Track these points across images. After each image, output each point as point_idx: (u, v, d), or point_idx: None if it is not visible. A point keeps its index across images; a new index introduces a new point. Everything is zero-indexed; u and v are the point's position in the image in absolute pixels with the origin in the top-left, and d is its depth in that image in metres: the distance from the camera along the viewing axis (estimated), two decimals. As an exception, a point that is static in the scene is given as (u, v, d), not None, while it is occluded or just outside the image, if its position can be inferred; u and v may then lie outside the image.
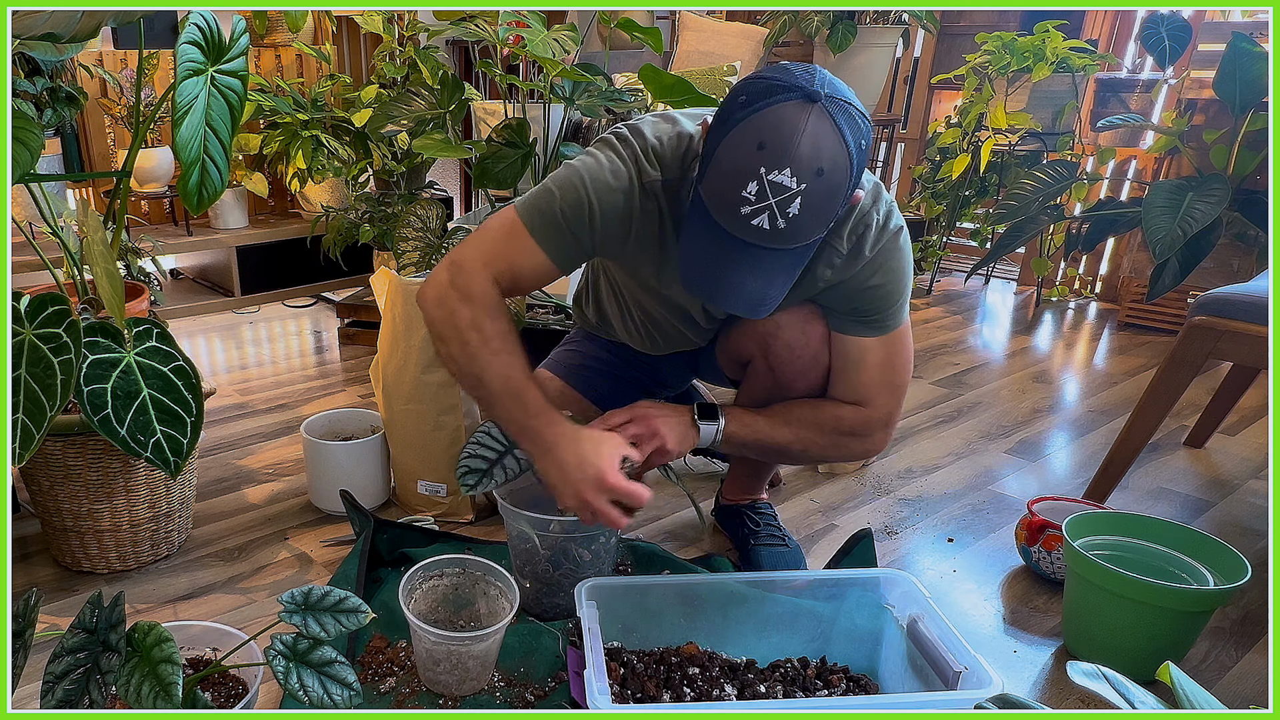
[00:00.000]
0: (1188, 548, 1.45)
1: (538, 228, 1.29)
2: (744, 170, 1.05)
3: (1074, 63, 3.11)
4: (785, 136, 1.03)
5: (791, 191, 1.04)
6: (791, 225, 1.06)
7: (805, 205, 1.05)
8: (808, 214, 1.06)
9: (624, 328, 1.63)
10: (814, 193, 1.05)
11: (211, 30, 1.34)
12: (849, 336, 1.36)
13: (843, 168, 1.06)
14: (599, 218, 1.27)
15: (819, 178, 1.04)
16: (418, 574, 1.35)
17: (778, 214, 1.05)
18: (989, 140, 3.24)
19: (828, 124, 1.04)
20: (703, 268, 1.13)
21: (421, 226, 2.21)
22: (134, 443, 1.38)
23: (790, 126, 1.03)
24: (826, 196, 1.06)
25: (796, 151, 1.03)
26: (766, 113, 1.05)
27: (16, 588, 1.57)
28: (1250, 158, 2.57)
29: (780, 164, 1.03)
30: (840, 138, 1.05)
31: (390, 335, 1.74)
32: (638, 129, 1.30)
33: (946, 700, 1.11)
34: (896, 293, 1.31)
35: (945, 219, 3.53)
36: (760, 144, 1.04)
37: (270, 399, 2.44)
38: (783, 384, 1.42)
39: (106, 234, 1.46)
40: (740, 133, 1.06)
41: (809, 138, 1.03)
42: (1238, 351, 1.68)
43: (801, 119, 1.04)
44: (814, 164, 1.04)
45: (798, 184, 1.04)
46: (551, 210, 1.28)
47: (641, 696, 1.25)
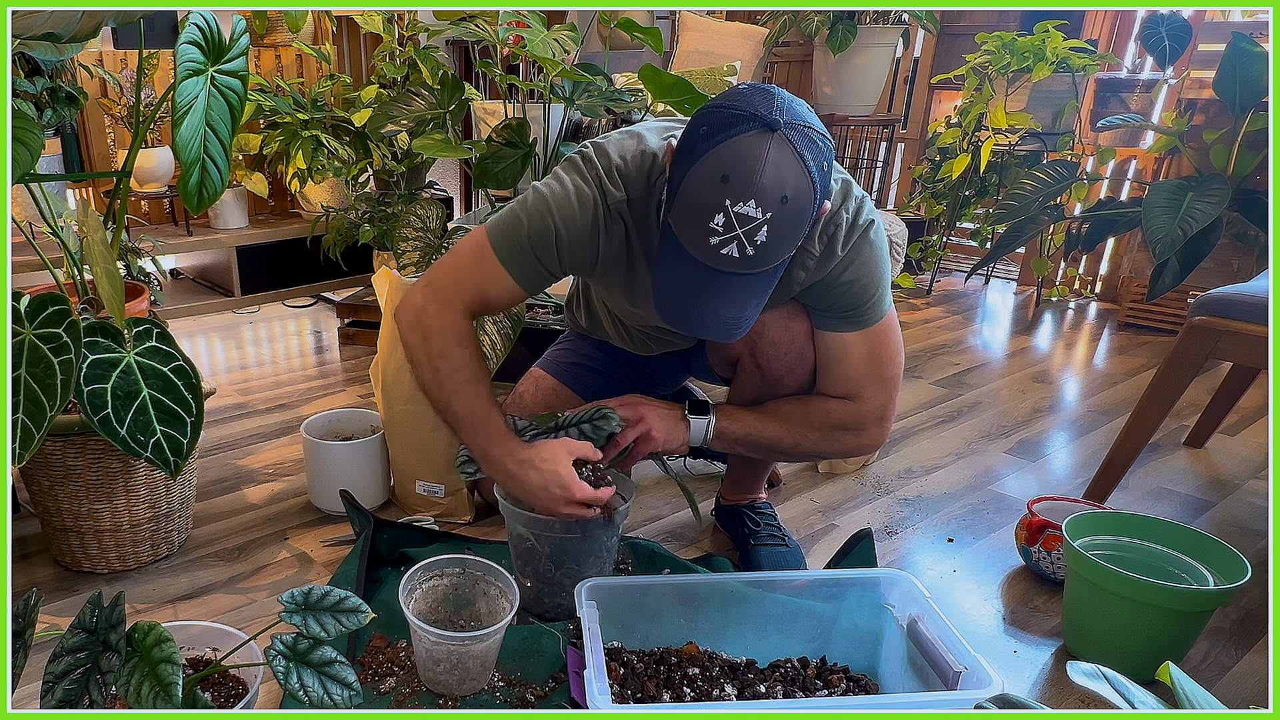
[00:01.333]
0: (1188, 548, 1.45)
1: (505, 255, 1.33)
2: (710, 203, 1.07)
3: (1074, 63, 3.11)
4: (748, 169, 1.06)
5: (757, 221, 1.07)
6: (760, 251, 1.09)
7: (772, 232, 1.08)
8: (775, 240, 1.08)
9: (614, 332, 1.66)
10: (779, 220, 1.07)
11: (211, 30, 1.34)
12: (830, 333, 1.37)
13: (805, 192, 1.08)
14: (565, 244, 1.31)
15: (783, 205, 1.07)
16: (418, 574, 1.35)
17: (745, 243, 1.08)
18: (989, 140, 3.24)
19: (789, 152, 1.07)
20: (676, 298, 1.16)
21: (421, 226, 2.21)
22: (134, 443, 1.38)
23: (752, 158, 1.06)
24: (792, 221, 1.09)
25: (760, 182, 1.05)
26: (728, 145, 1.07)
27: (16, 588, 1.57)
28: (1250, 158, 2.57)
29: (745, 196, 1.06)
30: (801, 164, 1.07)
31: (390, 335, 1.74)
32: (602, 149, 1.32)
33: (946, 700, 1.11)
34: (871, 287, 1.33)
35: (945, 219, 3.53)
36: (724, 177, 1.06)
37: (270, 399, 2.44)
38: (771, 382, 1.44)
39: (106, 234, 1.46)
40: (704, 166, 1.08)
41: (771, 168, 1.06)
42: (1238, 351, 1.68)
43: (762, 150, 1.06)
44: (778, 193, 1.06)
45: (763, 214, 1.06)
46: (519, 237, 1.32)
47: (641, 696, 1.25)
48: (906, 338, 2.99)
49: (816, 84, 3.63)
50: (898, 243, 2.88)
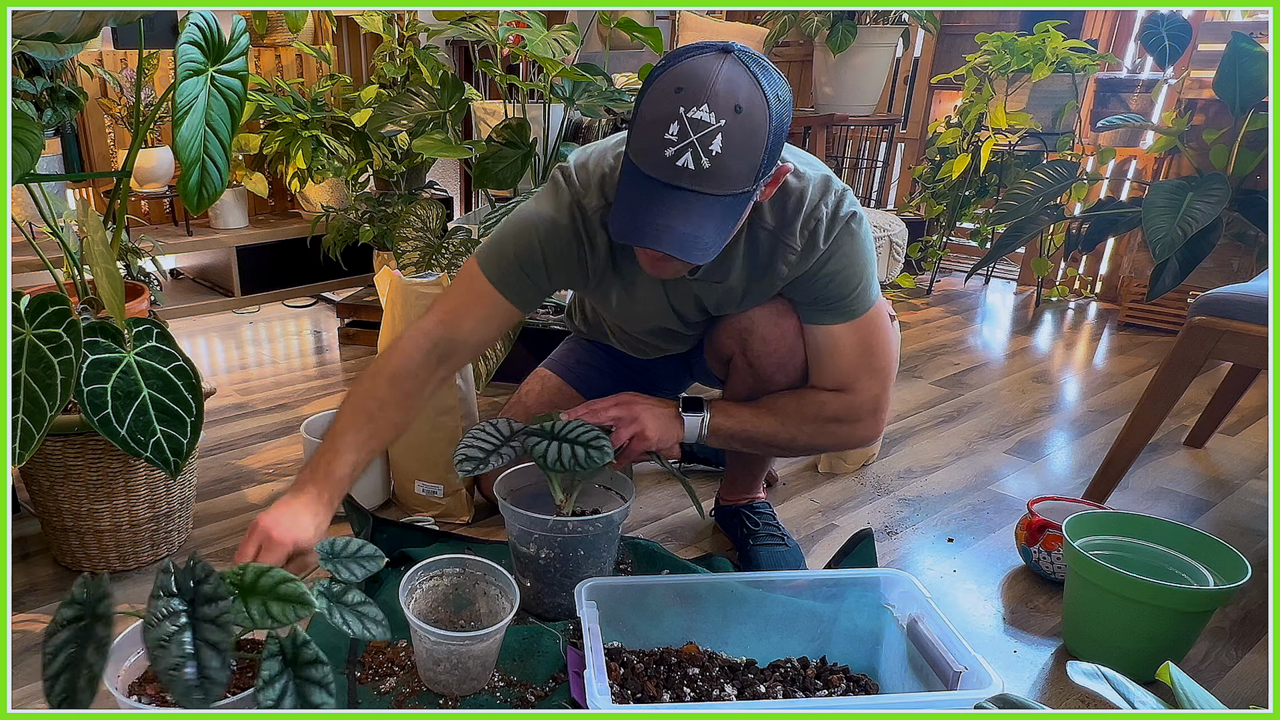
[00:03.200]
0: (1188, 548, 1.45)
1: (498, 278, 1.36)
2: (664, 114, 1.09)
3: (1074, 63, 3.11)
4: (701, 78, 1.08)
5: (711, 127, 1.07)
6: (715, 164, 1.08)
7: (726, 142, 1.08)
8: (730, 153, 1.08)
9: (614, 337, 1.68)
10: (733, 130, 1.08)
11: (211, 30, 1.34)
12: (819, 327, 1.38)
13: (760, 107, 1.09)
14: (551, 261, 1.35)
15: (737, 114, 1.07)
16: (418, 574, 1.35)
17: (700, 151, 1.08)
18: (989, 140, 3.24)
19: (742, 69, 1.09)
20: (631, 214, 1.15)
21: (421, 226, 2.21)
22: (134, 443, 1.38)
23: (705, 70, 1.08)
24: (747, 135, 1.09)
25: (713, 88, 1.07)
26: (682, 63, 1.10)
27: (16, 588, 1.57)
28: (1250, 158, 2.58)
29: (698, 100, 1.07)
30: (755, 82, 1.09)
31: (390, 335, 1.74)
32: (582, 163, 1.35)
33: (946, 700, 1.11)
34: (855, 278, 1.33)
35: (945, 219, 3.53)
36: (678, 89, 1.08)
37: (270, 399, 2.44)
38: (763, 379, 1.45)
39: (106, 234, 1.46)
40: (659, 85, 1.11)
41: (724, 79, 1.08)
42: (1238, 351, 1.68)
43: (716, 64, 1.09)
44: (730, 100, 1.07)
45: (716, 119, 1.07)
46: (508, 259, 1.36)
47: (641, 696, 1.25)
48: (906, 338, 2.99)
49: (816, 84, 3.63)
50: (897, 243, 2.88)
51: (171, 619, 0.98)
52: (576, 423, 1.37)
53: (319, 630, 1.39)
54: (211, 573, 1.02)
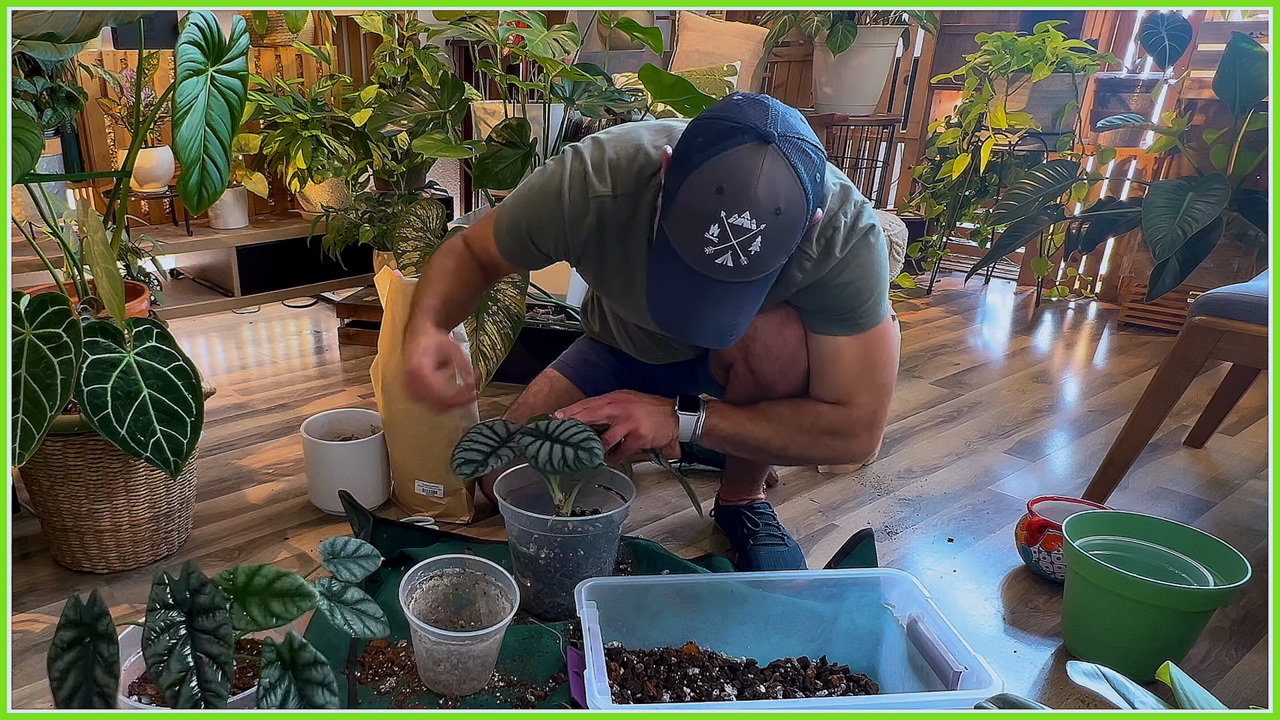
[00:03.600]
0: (1188, 548, 1.45)
1: (498, 236, 1.47)
2: (705, 214, 1.09)
3: (1074, 63, 3.11)
4: (742, 181, 1.08)
5: (751, 232, 1.09)
6: (754, 261, 1.11)
7: (765, 243, 1.10)
8: (768, 250, 1.11)
9: (621, 338, 1.69)
10: (773, 231, 1.09)
11: (211, 30, 1.34)
12: (824, 336, 1.37)
13: (799, 204, 1.10)
14: (535, 229, 1.40)
15: (777, 217, 1.09)
16: (418, 574, 1.35)
17: (740, 253, 1.10)
18: (989, 140, 3.24)
19: (782, 164, 1.08)
20: (672, 304, 1.19)
21: (421, 226, 2.21)
22: (134, 443, 1.38)
23: (746, 171, 1.08)
24: (785, 232, 1.11)
25: (754, 195, 1.07)
26: (723, 157, 1.09)
27: (16, 588, 1.57)
28: (1250, 158, 2.57)
29: (739, 208, 1.08)
30: (795, 176, 1.09)
31: (390, 335, 1.74)
32: (598, 143, 1.38)
33: (946, 700, 1.11)
34: (868, 290, 1.33)
35: (945, 219, 3.53)
36: (719, 188, 1.08)
37: (270, 399, 2.44)
38: (763, 386, 1.44)
39: (106, 234, 1.46)
40: (699, 177, 1.10)
41: (765, 180, 1.07)
42: (1238, 351, 1.68)
43: (756, 162, 1.08)
44: (771, 204, 1.08)
45: (757, 225, 1.08)
46: (506, 218, 1.45)
47: (641, 696, 1.25)
48: (906, 338, 2.99)
49: (816, 84, 3.63)
50: (898, 243, 2.88)
51: (170, 632, 0.98)
52: (570, 422, 1.36)
53: (318, 631, 1.39)
54: (206, 583, 1.01)
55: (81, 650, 1.02)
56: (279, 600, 1.01)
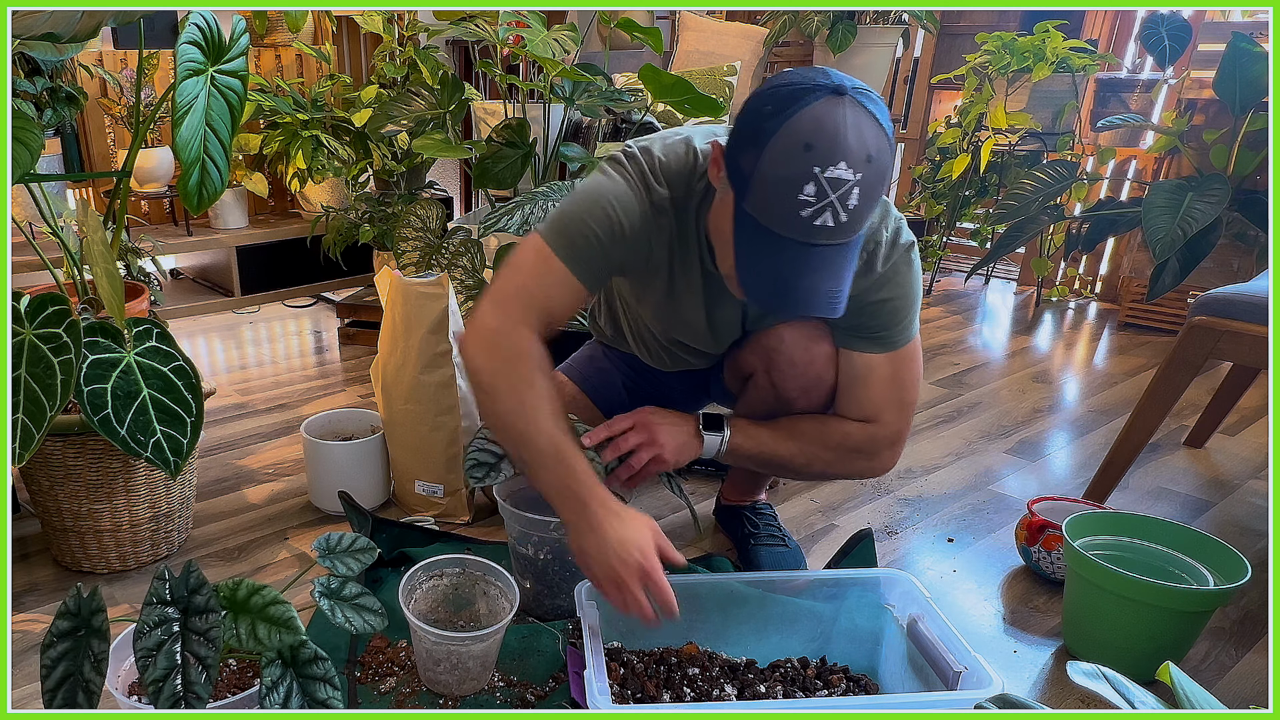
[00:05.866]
0: (1188, 548, 1.45)
1: (567, 252, 1.26)
2: (797, 174, 1.05)
3: (1074, 63, 3.11)
4: (830, 132, 1.04)
5: (849, 183, 1.05)
6: (852, 216, 1.07)
7: (862, 193, 1.06)
8: (864, 201, 1.07)
9: (635, 345, 1.65)
10: (867, 180, 1.06)
11: (211, 30, 1.34)
12: (856, 353, 1.34)
13: (886, 150, 1.08)
14: (628, 234, 1.27)
15: (869, 164, 1.05)
16: (418, 574, 1.35)
17: (839, 208, 1.06)
18: (989, 140, 3.24)
19: (863, 111, 1.06)
20: (773, 282, 1.12)
21: (421, 226, 2.21)
22: (134, 443, 1.38)
23: (832, 122, 1.04)
24: (878, 181, 1.07)
25: (846, 144, 1.04)
26: (801, 115, 1.05)
27: (16, 588, 1.57)
28: (1250, 158, 2.57)
29: (834, 159, 1.04)
30: (876, 122, 1.07)
31: (390, 335, 1.74)
32: (646, 148, 1.30)
33: (946, 700, 1.11)
34: (904, 309, 1.30)
35: (945, 219, 3.53)
36: (807, 145, 1.04)
37: (270, 399, 2.44)
38: (783, 400, 1.41)
39: (106, 234, 1.46)
40: (780, 140, 1.06)
41: (853, 129, 1.04)
42: (1238, 351, 1.68)
43: (839, 112, 1.05)
44: (863, 152, 1.05)
45: (853, 174, 1.05)
46: (582, 233, 1.26)
47: (641, 696, 1.25)
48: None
49: (816, 84, 3.62)
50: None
51: (162, 628, 0.98)
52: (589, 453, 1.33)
53: (318, 630, 1.39)
54: (205, 584, 1.02)
55: (74, 642, 1.03)
56: (266, 625, 1.01)
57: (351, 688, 1.31)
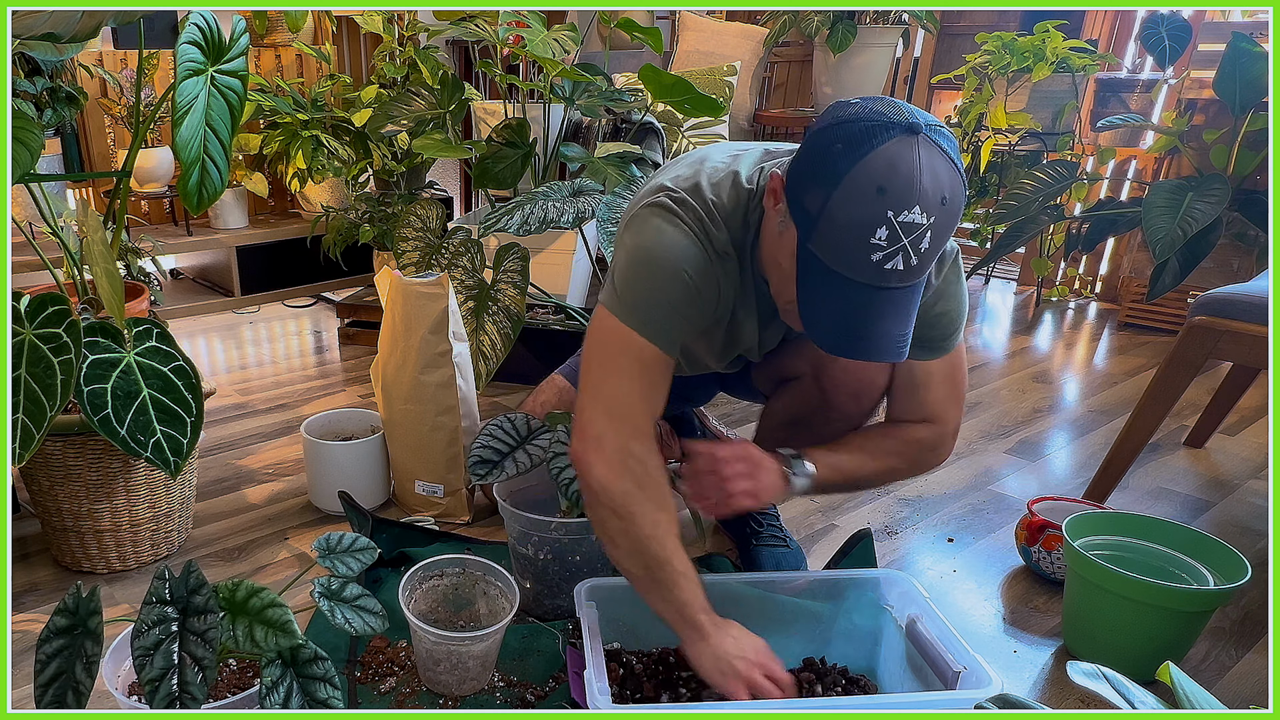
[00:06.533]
0: (1188, 548, 1.45)
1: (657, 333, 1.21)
2: (870, 218, 1.02)
3: (1074, 63, 3.11)
4: (905, 176, 1.01)
5: (922, 227, 1.02)
6: (922, 259, 1.05)
7: (934, 235, 1.04)
8: (935, 244, 1.05)
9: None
10: (940, 222, 1.03)
11: (211, 30, 1.34)
12: (917, 363, 1.33)
13: (959, 190, 1.05)
14: (703, 293, 1.23)
15: (943, 207, 1.03)
16: (418, 574, 1.35)
17: (911, 253, 1.03)
18: (989, 140, 3.24)
19: (937, 151, 1.03)
20: (840, 324, 1.10)
21: (421, 226, 2.21)
22: (134, 443, 1.38)
23: (907, 165, 1.01)
24: (950, 223, 1.05)
25: (921, 188, 1.01)
26: (874, 156, 1.02)
27: (16, 588, 1.57)
28: (1250, 158, 2.57)
29: (909, 204, 1.01)
30: (951, 163, 1.04)
31: (390, 335, 1.74)
32: (695, 187, 1.23)
33: (946, 700, 1.11)
34: (960, 316, 1.31)
35: (945, 219, 3.52)
36: (880, 189, 1.01)
37: (270, 399, 2.44)
38: (831, 405, 1.41)
39: (106, 234, 1.46)
40: (852, 183, 1.02)
41: (928, 172, 1.01)
42: (1238, 351, 1.68)
43: (913, 154, 1.01)
44: (937, 195, 1.02)
45: (928, 219, 1.02)
46: (662, 307, 1.21)
47: (641, 697, 1.25)
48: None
49: (816, 84, 3.63)
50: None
51: (160, 627, 0.98)
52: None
53: (318, 630, 1.39)
54: (204, 584, 1.02)
55: (69, 641, 1.03)
56: (263, 627, 1.01)
57: (351, 688, 1.31)
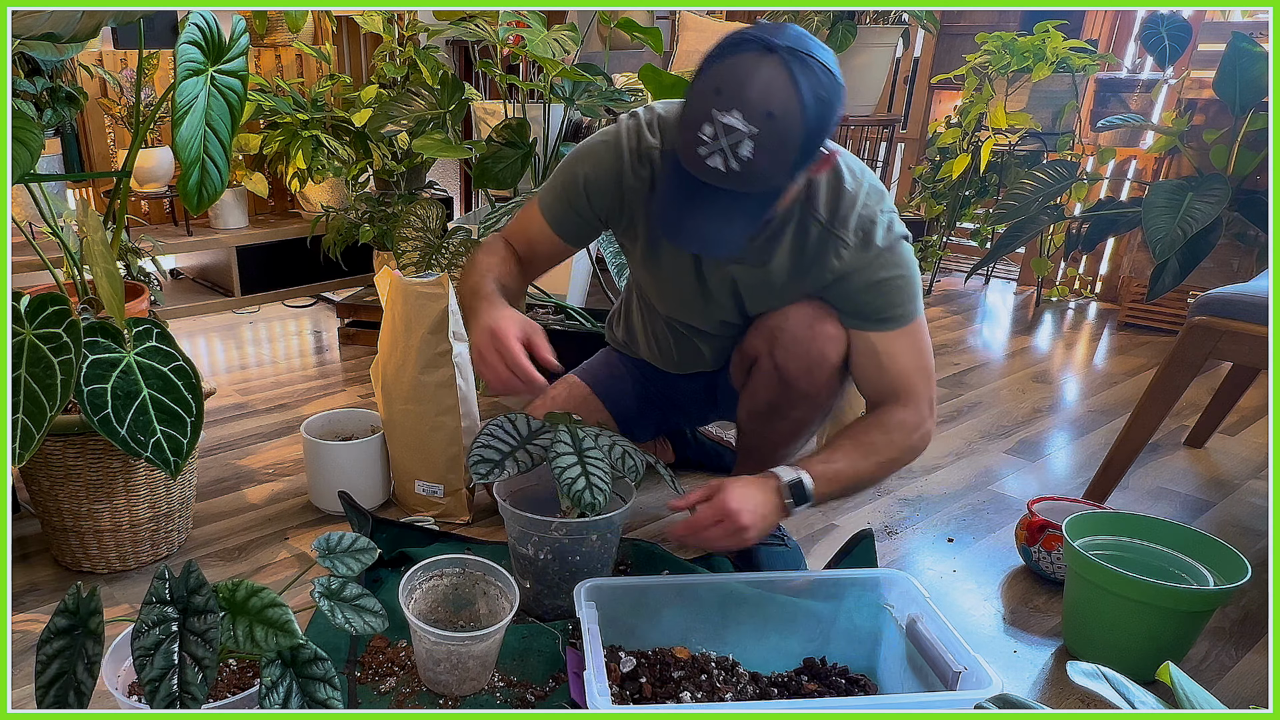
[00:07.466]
0: (1188, 548, 1.45)
1: (545, 204, 1.51)
2: (700, 113, 1.11)
3: (1074, 63, 3.11)
4: (738, 80, 1.09)
5: (741, 133, 1.09)
6: (745, 168, 1.11)
7: (758, 147, 1.10)
8: (761, 157, 1.11)
9: (646, 343, 1.69)
10: (765, 136, 1.09)
11: (211, 30, 1.34)
12: (874, 335, 1.38)
13: (793, 114, 1.10)
14: (588, 186, 1.44)
15: (769, 120, 1.09)
16: (418, 574, 1.35)
17: (730, 155, 1.11)
18: (989, 140, 3.24)
19: (781, 72, 1.09)
20: (669, 208, 1.21)
21: (421, 226, 2.21)
22: (134, 443, 1.38)
23: (744, 72, 1.09)
24: (779, 139, 1.10)
25: (745, 95, 1.09)
26: (725, 61, 1.11)
27: (16, 588, 1.57)
28: (1250, 158, 2.57)
29: (730, 106, 1.09)
30: (792, 84, 1.09)
31: (390, 335, 1.74)
32: (651, 107, 1.43)
33: (946, 700, 1.11)
34: (911, 284, 1.36)
35: (945, 219, 3.53)
36: (717, 89, 1.10)
37: (270, 399, 2.44)
38: (786, 382, 1.43)
39: (106, 234, 1.46)
40: (701, 81, 1.13)
41: (759, 83, 1.09)
42: (1238, 351, 1.68)
43: (755, 66, 1.09)
44: (763, 107, 1.08)
45: (747, 126, 1.09)
46: (554, 187, 1.48)
47: (640, 697, 1.25)
48: (906, 338, 2.99)
49: (816, 84, 3.62)
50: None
51: (161, 627, 0.98)
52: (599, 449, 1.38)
53: (318, 631, 1.39)
54: (204, 584, 1.02)
55: (70, 641, 1.03)
56: (263, 627, 1.01)
57: (351, 688, 1.31)
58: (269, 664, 1.01)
